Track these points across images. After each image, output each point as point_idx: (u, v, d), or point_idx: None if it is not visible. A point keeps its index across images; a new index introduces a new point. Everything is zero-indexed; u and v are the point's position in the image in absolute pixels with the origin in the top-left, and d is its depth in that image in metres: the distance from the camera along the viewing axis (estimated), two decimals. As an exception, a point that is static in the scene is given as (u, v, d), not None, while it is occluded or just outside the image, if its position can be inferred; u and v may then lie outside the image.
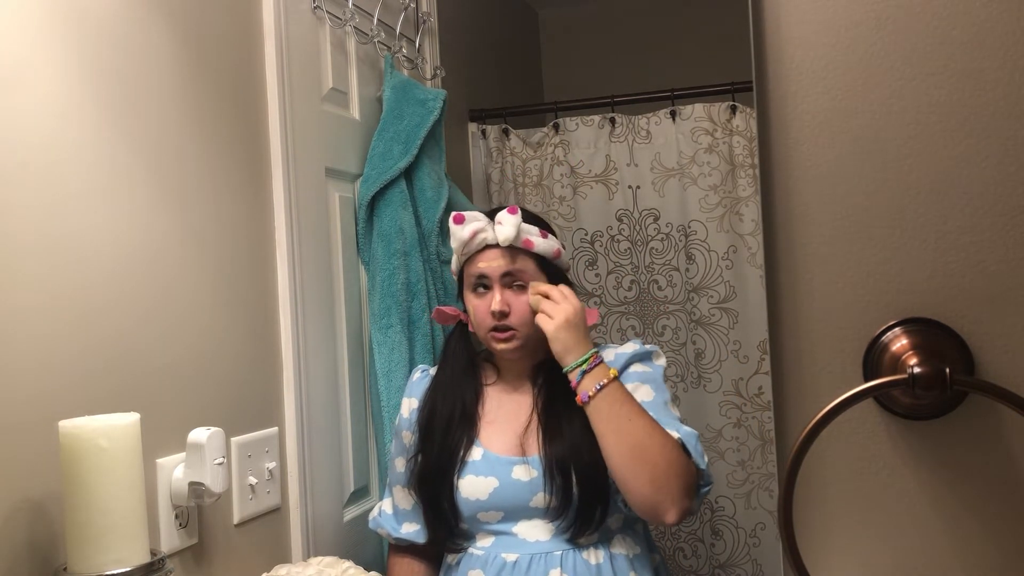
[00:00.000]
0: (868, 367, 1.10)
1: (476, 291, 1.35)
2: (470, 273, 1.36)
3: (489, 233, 1.33)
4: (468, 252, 1.35)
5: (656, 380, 1.32)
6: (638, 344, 1.36)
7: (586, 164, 1.99)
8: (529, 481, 1.29)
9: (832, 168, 1.11)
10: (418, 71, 1.77)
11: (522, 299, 1.33)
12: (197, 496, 1.12)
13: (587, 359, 1.24)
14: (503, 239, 1.32)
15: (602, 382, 1.23)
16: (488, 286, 1.34)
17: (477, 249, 1.34)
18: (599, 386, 1.23)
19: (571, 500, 1.26)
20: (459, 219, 1.34)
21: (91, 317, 1.03)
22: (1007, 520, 1.07)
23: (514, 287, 1.33)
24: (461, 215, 1.34)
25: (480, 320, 1.35)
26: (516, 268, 1.33)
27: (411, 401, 1.42)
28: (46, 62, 0.99)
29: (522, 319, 1.32)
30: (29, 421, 0.94)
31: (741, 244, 1.85)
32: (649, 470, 1.19)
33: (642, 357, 1.35)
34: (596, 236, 1.97)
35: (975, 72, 1.07)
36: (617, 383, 1.24)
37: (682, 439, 1.23)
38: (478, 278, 1.35)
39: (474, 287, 1.36)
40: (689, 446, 1.23)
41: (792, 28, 1.12)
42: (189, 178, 1.19)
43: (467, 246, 1.34)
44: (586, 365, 1.24)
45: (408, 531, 1.40)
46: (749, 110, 1.82)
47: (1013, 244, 1.06)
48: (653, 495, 1.19)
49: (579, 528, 1.27)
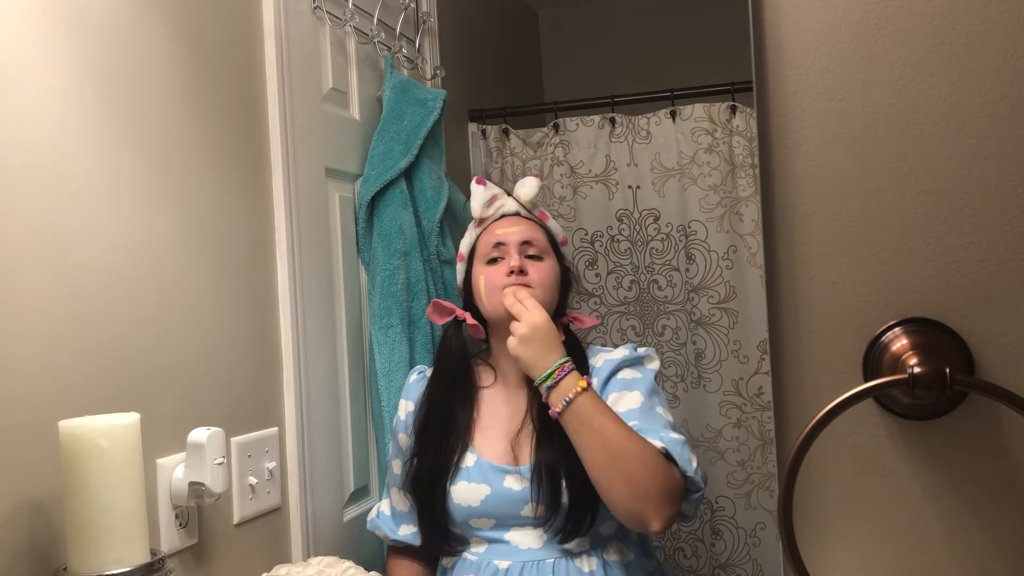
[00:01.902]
0: (868, 367, 1.10)
1: (490, 262, 1.34)
2: (485, 243, 1.35)
3: (508, 203, 1.34)
4: (486, 217, 1.35)
5: (645, 385, 1.30)
6: (629, 349, 1.35)
7: (586, 164, 1.99)
8: (520, 490, 1.28)
9: (832, 168, 1.11)
10: (418, 71, 1.77)
11: (540, 266, 1.32)
12: (197, 496, 1.12)
13: (552, 372, 1.21)
14: (525, 197, 1.34)
15: (568, 396, 1.19)
16: (503, 255, 1.34)
17: (494, 217, 1.34)
18: (565, 401, 1.20)
19: (559, 508, 1.25)
20: (481, 181, 1.34)
21: (91, 317, 1.03)
22: (1007, 520, 1.07)
23: (530, 256, 1.33)
24: (483, 179, 1.35)
25: (492, 284, 1.32)
26: (533, 235, 1.34)
27: (407, 403, 1.41)
28: (46, 62, 0.99)
29: (540, 280, 1.31)
30: (29, 421, 0.94)
31: (741, 244, 1.85)
32: (626, 482, 1.16)
33: (632, 362, 1.33)
34: (596, 236, 1.97)
35: (975, 72, 1.07)
36: (587, 395, 1.20)
37: (666, 447, 1.20)
38: (495, 246, 1.34)
39: (488, 258, 1.35)
40: (674, 453, 1.20)
41: (792, 28, 1.12)
42: (189, 178, 1.19)
43: (486, 209, 1.34)
44: (551, 380, 1.21)
45: (406, 533, 1.40)
46: (749, 110, 1.82)
47: (1013, 244, 1.06)
48: (632, 505, 1.17)
49: (568, 533, 1.26)
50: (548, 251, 1.36)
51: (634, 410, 1.25)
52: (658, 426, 1.24)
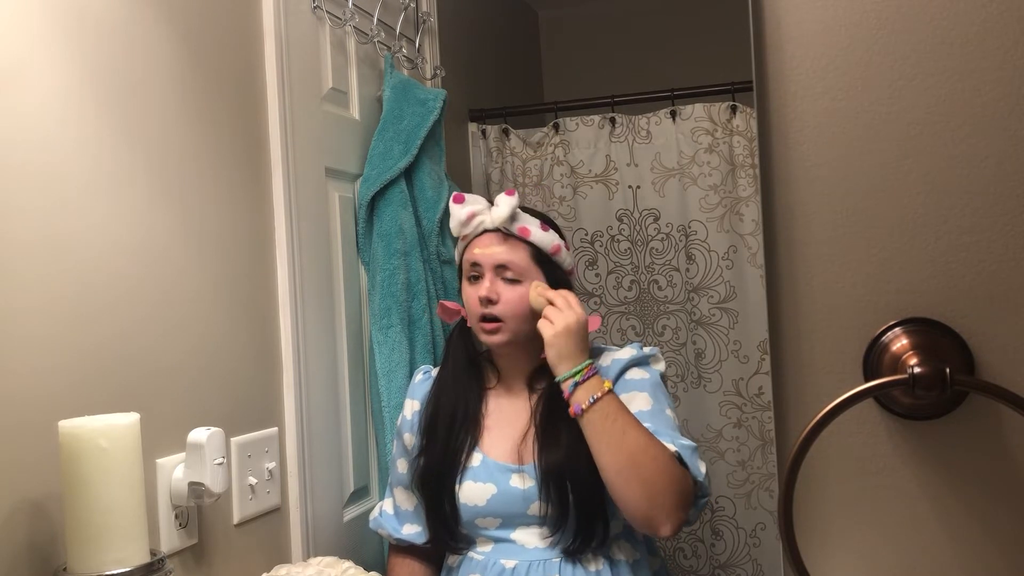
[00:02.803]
0: (868, 367, 1.10)
1: (470, 280, 1.35)
2: (466, 259, 1.35)
3: (486, 217, 1.33)
4: (465, 234, 1.34)
5: (654, 387, 1.30)
6: (636, 348, 1.35)
7: (586, 164, 1.99)
8: (525, 490, 1.28)
9: (832, 168, 1.11)
10: (418, 71, 1.77)
11: (515, 291, 1.31)
12: (197, 496, 1.12)
13: (580, 370, 1.21)
14: (497, 218, 1.30)
15: (596, 395, 1.19)
16: (480, 274, 1.33)
17: (474, 233, 1.34)
18: (593, 399, 1.19)
19: (567, 510, 1.25)
20: (459, 199, 1.34)
21: (91, 317, 1.03)
22: (1007, 520, 1.07)
23: (506, 279, 1.32)
24: (461, 195, 1.34)
25: (471, 309, 1.34)
26: (509, 259, 1.32)
27: (413, 403, 1.41)
28: (46, 62, 0.99)
29: (511, 311, 1.30)
30: (29, 421, 0.94)
31: (741, 244, 1.85)
32: (644, 484, 1.17)
33: (639, 362, 1.33)
34: (596, 236, 1.97)
35: (975, 72, 1.07)
36: (611, 395, 1.21)
37: (678, 451, 1.21)
38: (472, 265, 1.34)
39: (469, 275, 1.35)
40: (686, 458, 1.20)
41: (792, 28, 1.12)
42: (189, 178, 1.19)
43: (464, 227, 1.33)
44: (579, 376, 1.21)
45: (409, 532, 1.40)
46: (749, 110, 1.82)
47: (1013, 244, 1.06)
48: (648, 509, 1.17)
49: (581, 545, 1.26)
50: (527, 272, 1.32)
51: (645, 412, 1.25)
52: (669, 429, 1.25)
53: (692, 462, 1.21)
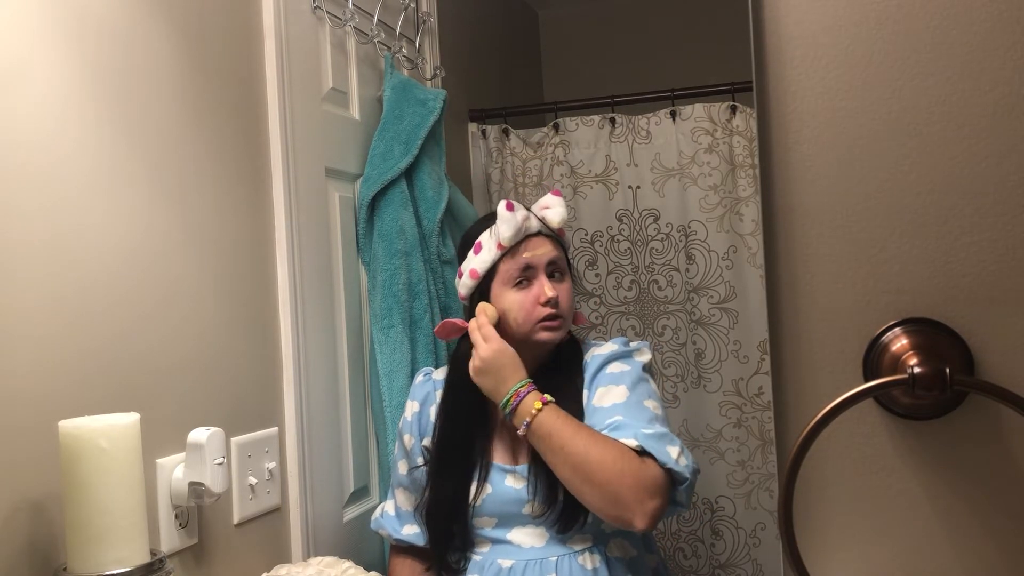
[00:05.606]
0: (868, 367, 1.10)
1: (517, 285, 1.33)
2: (510, 267, 1.33)
3: (533, 221, 1.34)
4: (517, 238, 1.32)
5: (634, 379, 1.28)
6: (618, 343, 1.34)
7: (586, 164, 1.99)
8: (519, 489, 1.29)
9: (832, 168, 1.11)
10: (418, 71, 1.77)
11: (564, 286, 1.35)
12: (197, 496, 1.12)
13: (507, 400, 1.24)
14: (559, 220, 1.34)
15: (527, 420, 1.22)
16: (530, 278, 1.33)
17: (518, 239, 1.33)
18: (525, 424, 1.22)
19: (555, 504, 1.26)
20: (511, 206, 1.32)
21: (91, 317, 1.03)
22: (1007, 520, 1.07)
23: (552, 277, 1.34)
24: (511, 202, 1.33)
25: (528, 312, 1.32)
26: (559, 255, 1.35)
27: (413, 404, 1.42)
28: (46, 61, 0.99)
29: (568, 305, 1.35)
30: (29, 421, 0.94)
31: (741, 244, 1.85)
32: (597, 488, 1.17)
33: (620, 356, 1.32)
34: (596, 236, 1.97)
35: (975, 72, 1.07)
36: (544, 413, 1.21)
37: (640, 443, 1.18)
38: (523, 270, 1.32)
39: (515, 281, 1.33)
40: (649, 448, 1.18)
41: (792, 28, 1.12)
42: (189, 178, 1.19)
43: (519, 234, 1.32)
44: (508, 408, 1.24)
45: (409, 533, 1.41)
46: (749, 110, 1.82)
47: (1013, 244, 1.06)
48: (611, 509, 1.18)
49: (565, 523, 1.26)
50: (567, 268, 1.38)
51: (619, 404, 1.25)
52: (641, 420, 1.23)
53: (658, 450, 1.18)
